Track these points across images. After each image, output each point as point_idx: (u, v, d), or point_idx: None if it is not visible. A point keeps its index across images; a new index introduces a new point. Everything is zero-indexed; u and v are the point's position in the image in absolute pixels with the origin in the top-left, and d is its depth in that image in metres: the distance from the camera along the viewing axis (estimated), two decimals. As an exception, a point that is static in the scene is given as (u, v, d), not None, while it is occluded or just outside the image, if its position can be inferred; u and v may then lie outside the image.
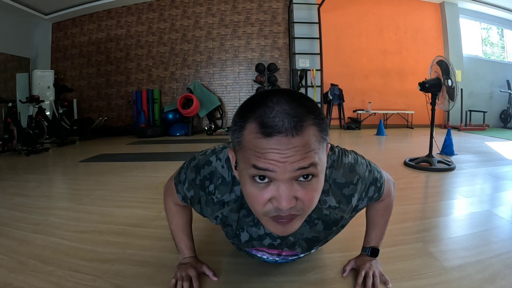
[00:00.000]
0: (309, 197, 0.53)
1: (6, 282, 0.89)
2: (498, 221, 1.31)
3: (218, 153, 0.71)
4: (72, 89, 5.85)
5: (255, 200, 0.53)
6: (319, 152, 0.51)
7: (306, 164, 0.49)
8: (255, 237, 0.75)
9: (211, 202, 0.71)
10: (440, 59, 2.47)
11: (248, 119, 0.50)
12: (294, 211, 0.53)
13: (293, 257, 0.84)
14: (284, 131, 0.47)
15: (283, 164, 0.48)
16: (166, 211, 0.90)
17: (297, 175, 0.50)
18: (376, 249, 0.91)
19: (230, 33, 6.40)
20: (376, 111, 6.17)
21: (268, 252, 0.80)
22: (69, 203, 1.72)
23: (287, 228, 0.56)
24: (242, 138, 0.51)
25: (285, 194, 0.50)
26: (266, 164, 0.49)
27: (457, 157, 2.86)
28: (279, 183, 0.50)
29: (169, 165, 2.75)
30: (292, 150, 0.48)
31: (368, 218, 0.92)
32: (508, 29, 6.92)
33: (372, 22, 6.38)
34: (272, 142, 0.48)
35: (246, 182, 0.53)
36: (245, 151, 0.51)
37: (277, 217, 0.54)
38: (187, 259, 0.91)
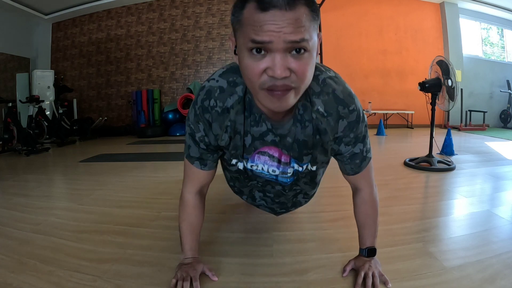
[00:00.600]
0: (302, 69, 0.58)
1: (6, 282, 0.89)
2: (498, 221, 1.31)
3: (208, 78, 0.78)
4: (72, 89, 5.84)
5: (251, 71, 0.58)
6: (310, 30, 0.57)
7: (298, 38, 0.55)
8: (257, 136, 0.79)
9: (217, 114, 0.76)
10: (440, 59, 2.47)
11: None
12: (288, 82, 0.58)
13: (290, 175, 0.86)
14: (279, 6, 0.53)
15: (277, 33, 0.54)
16: (181, 206, 0.90)
17: (290, 46, 0.55)
18: (373, 249, 0.91)
19: (230, 33, 6.39)
20: (376, 111, 6.17)
21: (270, 153, 0.82)
22: (69, 203, 1.72)
23: (282, 103, 0.61)
24: (241, 16, 0.58)
25: (279, 63, 0.56)
26: (262, 37, 0.55)
27: (457, 157, 2.86)
28: (274, 54, 0.56)
29: (169, 165, 2.75)
30: (286, 22, 0.54)
31: (357, 220, 0.94)
32: (508, 29, 6.92)
33: (372, 22, 6.38)
34: (268, 15, 0.54)
35: (244, 56, 0.59)
36: (244, 27, 0.58)
37: (272, 87, 0.58)
38: (188, 259, 0.90)
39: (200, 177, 0.88)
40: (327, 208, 1.52)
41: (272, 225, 1.31)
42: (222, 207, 1.54)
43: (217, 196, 1.68)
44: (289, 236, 1.19)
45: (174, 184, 2.02)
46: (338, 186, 1.77)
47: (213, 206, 1.52)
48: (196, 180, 0.88)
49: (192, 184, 0.88)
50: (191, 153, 0.84)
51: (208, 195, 0.98)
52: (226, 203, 1.59)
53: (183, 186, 0.91)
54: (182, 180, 0.91)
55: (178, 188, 0.95)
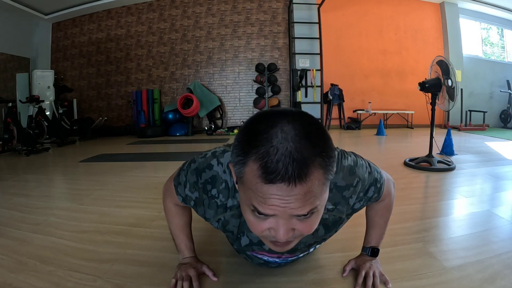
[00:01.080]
0: (308, 229, 0.53)
1: (6, 282, 0.89)
2: (498, 221, 1.31)
3: (219, 157, 0.70)
4: (72, 89, 5.84)
5: (253, 228, 0.54)
6: (322, 196, 0.50)
7: (305, 212, 0.48)
8: (255, 242, 0.75)
9: (215, 205, 0.71)
10: (440, 59, 2.47)
11: (251, 156, 0.47)
12: (291, 238, 0.54)
13: (293, 257, 0.84)
14: (287, 179, 0.44)
15: (283, 209, 0.48)
16: (166, 212, 0.90)
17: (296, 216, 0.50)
18: (376, 249, 0.91)
19: (230, 33, 6.40)
20: (376, 111, 6.17)
21: (268, 255, 0.81)
22: (69, 203, 1.72)
23: (285, 248, 0.58)
24: (243, 174, 0.49)
25: (283, 229, 0.50)
26: (266, 210, 0.49)
27: (457, 157, 2.86)
28: (278, 218, 0.50)
29: (169, 165, 2.75)
30: (293, 197, 0.46)
31: (368, 218, 0.92)
32: (508, 29, 6.92)
33: (372, 22, 6.38)
34: (273, 188, 0.46)
35: (246, 210, 0.53)
36: (246, 188, 0.50)
37: (275, 242, 0.56)
38: (187, 259, 0.91)
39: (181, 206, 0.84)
40: (327, 208, 1.52)
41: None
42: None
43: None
44: (289, 236, 1.19)
45: (174, 184, 2.01)
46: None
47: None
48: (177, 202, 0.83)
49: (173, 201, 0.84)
50: (179, 189, 0.77)
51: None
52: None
53: (164, 195, 0.87)
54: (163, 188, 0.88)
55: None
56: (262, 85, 6.27)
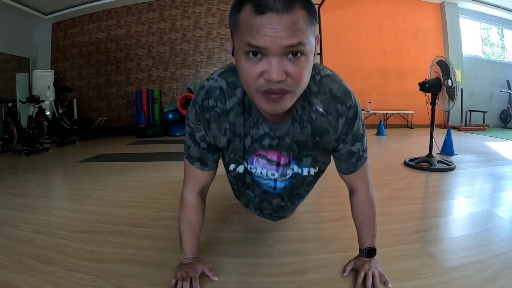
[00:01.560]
0: (298, 73, 0.58)
1: (6, 282, 0.89)
2: (498, 221, 1.31)
3: (207, 78, 0.78)
4: (72, 89, 5.84)
5: (248, 74, 0.58)
6: (307, 34, 0.56)
7: (295, 42, 0.54)
8: (256, 138, 0.79)
9: (216, 116, 0.76)
10: (440, 59, 2.47)
11: (245, 1, 0.56)
12: (284, 86, 0.58)
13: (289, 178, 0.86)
14: (276, 9, 0.53)
15: (274, 38, 0.54)
16: (181, 207, 0.90)
17: (286, 51, 0.55)
18: (373, 249, 0.91)
19: (229, 35, 6.39)
20: (376, 111, 6.17)
21: (268, 157, 0.82)
22: (69, 203, 1.72)
23: (278, 105, 0.61)
24: (238, 19, 0.57)
25: (275, 66, 0.55)
26: (259, 41, 0.54)
27: (457, 157, 2.86)
28: (270, 58, 0.55)
29: (169, 165, 2.75)
30: (282, 26, 0.53)
31: (355, 221, 0.93)
32: (508, 29, 6.92)
33: (372, 22, 6.38)
34: (264, 18, 0.53)
35: (241, 59, 0.59)
36: (241, 30, 0.57)
37: (268, 91, 0.59)
38: (188, 259, 0.91)
39: (200, 178, 0.87)
40: (327, 208, 1.52)
41: (272, 225, 1.30)
42: (222, 207, 1.54)
43: (217, 196, 1.68)
44: (289, 236, 1.19)
45: (174, 184, 2.02)
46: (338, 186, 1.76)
47: (213, 206, 1.51)
48: (197, 181, 0.87)
49: (193, 184, 0.88)
50: (191, 154, 0.84)
51: (208, 195, 0.98)
52: (226, 203, 1.59)
53: (183, 186, 0.90)
54: (183, 180, 0.91)
55: (178, 188, 0.95)
56: (262, 85, 6.27)
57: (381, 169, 2.40)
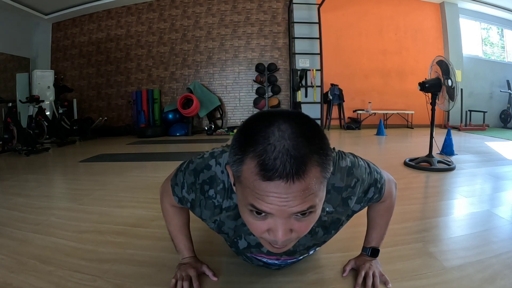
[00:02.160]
0: (305, 229, 0.53)
1: (6, 282, 0.89)
2: (498, 221, 1.31)
3: (217, 157, 0.70)
4: (72, 89, 5.85)
5: (253, 228, 0.54)
6: (319, 193, 0.50)
7: (304, 208, 0.48)
8: (253, 245, 0.75)
9: (212, 206, 0.71)
10: (440, 59, 2.47)
11: (248, 154, 0.47)
12: (288, 242, 0.55)
13: (292, 259, 0.84)
14: (285, 176, 0.44)
15: (281, 207, 0.47)
16: (163, 212, 0.90)
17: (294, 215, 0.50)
18: (377, 250, 0.91)
19: (230, 33, 6.40)
20: (376, 111, 6.17)
21: (267, 257, 0.81)
22: (69, 203, 1.72)
23: (282, 250, 0.58)
24: (241, 173, 0.49)
25: (282, 229, 0.50)
26: (264, 207, 0.48)
27: (457, 157, 2.86)
28: (276, 218, 0.50)
29: (169, 165, 2.75)
30: (291, 195, 0.46)
31: (369, 219, 0.92)
32: (508, 29, 6.92)
33: (372, 22, 6.38)
34: (271, 185, 0.46)
35: (244, 211, 0.53)
36: (244, 187, 0.50)
37: (273, 243, 0.55)
38: (186, 259, 0.91)
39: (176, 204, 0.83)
40: (327, 208, 1.52)
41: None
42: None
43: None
44: (289, 236, 1.19)
45: (174, 184, 2.01)
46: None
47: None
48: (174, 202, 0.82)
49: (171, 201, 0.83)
50: (176, 190, 0.77)
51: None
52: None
53: (161, 195, 0.87)
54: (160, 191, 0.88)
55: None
56: (262, 85, 6.27)
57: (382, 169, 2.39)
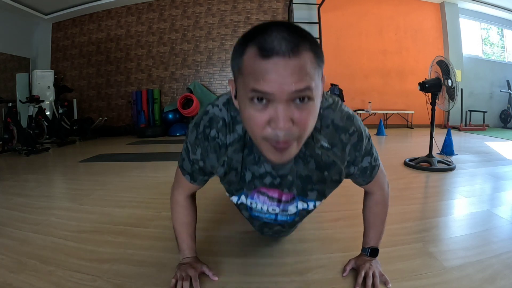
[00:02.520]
0: (305, 120, 0.55)
1: (6, 282, 0.89)
2: (498, 221, 1.31)
3: (213, 102, 0.75)
4: (72, 89, 5.84)
5: (254, 122, 0.55)
6: (315, 78, 0.54)
7: (302, 87, 0.51)
8: (257, 176, 0.77)
9: (217, 146, 0.74)
10: (440, 59, 2.47)
11: (248, 43, 0.53)
12: (290, 137, 0.56)
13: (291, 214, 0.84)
14: (282, 53, 0.50)
15: (280, 84, 0.50)
16: (172, 207, 0.91)
17: (293, 96, 0.52)
18: (376, 249, 0.91)
19: (230, 33, 6.40)
20: (376, 111, 6.17)
21: (269, 195, 0.81)
22: (69, 203, 1.72)
23: (284, 156, 0.59)
24: (242, 63, 0.54)
25: (282, 114, 0.52)
26: (264, 86, 0.51)
27: (457, 157, 2.86)
28: (276, 104, 0.52)
29: (169, 165, 2.75)
30: (289, 71, 0.50)
31: (365, 219, 0.93)
32: (508, 29, 6.92)
33: (372, 22, 6.38)
34: (270, 63, 0.50)
35: (246, 105, 0.55)
36: (245, 76, 0.54)
37: (275, 142, 0.56)
38: (187, 259, 0.91)
39: (189, 187, 0.87)
40: (327, 208, 1.52)
41: (272, 225, 1.30)
42: (222, 207, 1.54)
43: (217, 196, 1.67)
44: (289, 236, 1.19)
45: (174, 184, 2.01)
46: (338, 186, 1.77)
47: (213, 206, 1.51)
48: (186, 189, 0.88)
49: (182, 190, 0.89)
50: (184, 166, 0.83)
51: (208, 195, 0.98)
52: (226, 203, 1.59)
53: (173, 188, 0.91)
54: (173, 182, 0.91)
55: (178, 188, 0.95)
56: (262, 85, 6.27)
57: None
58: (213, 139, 0.73)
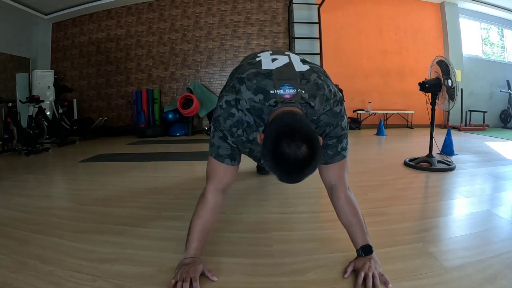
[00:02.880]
0: None
1: (6, 282, 0.89)
2: (498, 221, 1.31)
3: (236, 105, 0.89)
4: (72, 89, 5.84)
5: None
6: None
7: None
8: None
9: (241, 141, 0.94)
10: (440, 59, 2.47)
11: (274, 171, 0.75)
12: None
13: None
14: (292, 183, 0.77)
15: None
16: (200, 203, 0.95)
17: None
18: (368, 246, 0.91)
19: (230, 33, 6.40)
20: (376, 111, 6.17)
21: None
22: (69, 203, 1.72)
23: None
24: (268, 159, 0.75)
25: None
26: None
27: (457, 157, 2.86)
28: None
29: (169, 165, 2.75)
30: None
31: (342, 222, 0.97)
32: (508, 29, 6.92)
33: (372, 22, 6.38)
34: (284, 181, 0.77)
35: None
36: None
37: None
38: (188, 259, 0.91)
39: (228, 173, 0.96)
40: (327, 208, 1.51)
41: (272, 225, 1.31)
42: (222, 207, 1.54)
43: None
44: (289, 236, 1.19)
45: (174, 184, 2.02)
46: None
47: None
48: (224, 177, 0.96)
49: (219, 182, 0.96)
50: (221, 152, 0.95)
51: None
52: (226, 203, 1.59)
53: (207, 185, 0.96)
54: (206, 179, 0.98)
55: (179, 188, 0.96)
56: (262, 85, 6.26)
57: (381, 169, 2.40)
58: (238, 136, 0.92)
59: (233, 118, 0.89)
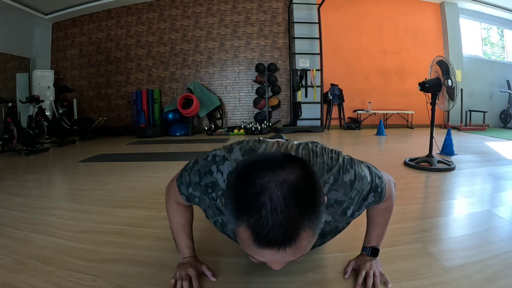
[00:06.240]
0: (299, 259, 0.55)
1: (6, 282, 0.89)
2: (498, 221, 1.31)
3: (219, 164, 0.73)
4: (72, 89, 5.85)
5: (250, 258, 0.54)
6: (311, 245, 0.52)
7: (296, 257, 0.51)
8: None
9: (214, 206, 0.77)
10: (440, 59, 2.47)
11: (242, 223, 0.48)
12: None
13: None
14: (277, 247, 0.46)
15: (275, 262, 0.52)
16: (168, 210, 0.91)
17: None
18: (377, 249, 0.91)
19: (230, 33, 6.40)
20: (376, 111, 6.17)
21: None
22: (69, 203, 1.72)
23: None
24: (237, 233, 0.50)
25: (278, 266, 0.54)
26: (260, 259, 0.52)
27: (457, 157, 2.86)
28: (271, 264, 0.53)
29: (169, 165, 2.75)
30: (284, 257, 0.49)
31: (369, 218, 0.92)
32: (508, 29, 6.92)
33: (372, 22, 6.38)
34: (265, 252, 0.48)
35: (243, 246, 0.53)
36: (240, 241, 0.51)
37: None
38: (186, 259, 0.91)
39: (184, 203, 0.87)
40: (327, 208, 1.52)
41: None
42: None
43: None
44: (289, 236, 1.19)
45: (174, 184, 2.01)
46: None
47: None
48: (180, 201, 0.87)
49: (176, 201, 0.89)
50: (182, 189, 0.81)
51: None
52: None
53: (166, 196, 0.91)
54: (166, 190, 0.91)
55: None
56: (262, 85, 6.27)
57: (381, 169, 2.38)
58: (213, 199, 0.76)
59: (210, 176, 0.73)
